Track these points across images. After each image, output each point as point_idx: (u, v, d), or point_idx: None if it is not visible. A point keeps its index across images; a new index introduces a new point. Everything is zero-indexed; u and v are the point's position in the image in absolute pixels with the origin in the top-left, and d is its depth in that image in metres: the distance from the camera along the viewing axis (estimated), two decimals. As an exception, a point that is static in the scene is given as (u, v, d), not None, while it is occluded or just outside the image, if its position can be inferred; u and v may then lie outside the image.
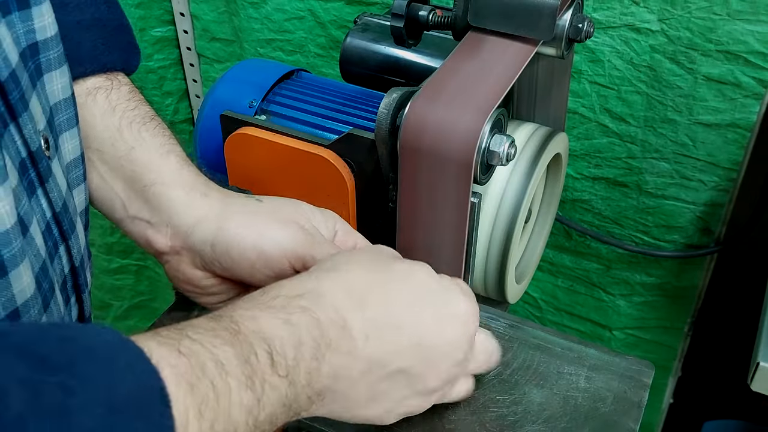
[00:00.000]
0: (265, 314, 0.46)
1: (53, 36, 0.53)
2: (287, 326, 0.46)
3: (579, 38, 0.65)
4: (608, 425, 0.59)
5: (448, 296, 0.54)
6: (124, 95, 0.64)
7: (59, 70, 0.55)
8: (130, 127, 0.63)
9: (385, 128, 0.63)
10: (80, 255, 0.58)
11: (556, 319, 1.28)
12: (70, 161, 0.58)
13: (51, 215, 0.53)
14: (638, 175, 1.04)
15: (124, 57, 0.66)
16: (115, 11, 0.66)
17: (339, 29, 1.13)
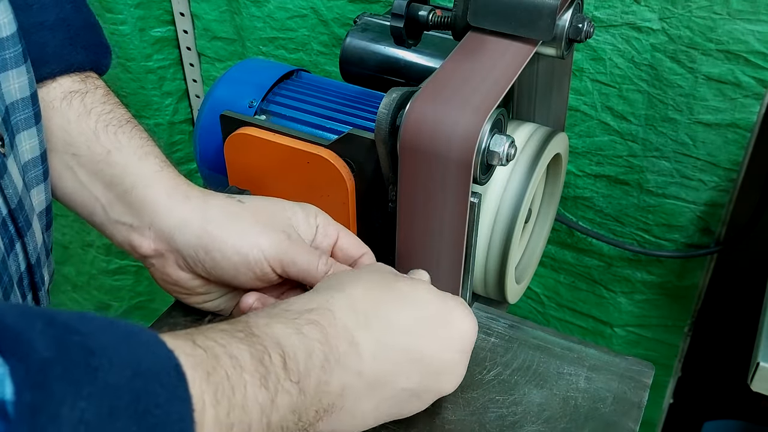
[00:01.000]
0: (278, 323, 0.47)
1: (10, 36, 0.53)
2: (299, 336, 0.47)
3: (579, 38, 0.65)
4: (608, 425, 0.59)
5: (450, 316, 0.55)
6: (99, 98, 0.64)
7: (17, 70, 0.55)
8: (107, 131, 0.62)
9: (385, 128, 0.63)
10: (36, 253, 0.58)
11: (559, 315, 1.28)
12: (28, 160, 0.58)
13: (7, 212, 0.53)
14: (639, 173, 1.04)
15: (92, 57, 0.65)
16: (81, 11, 0.66)
17: (342, 27, 1.13)
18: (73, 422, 0.31)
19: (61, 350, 0.32)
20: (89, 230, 1.42)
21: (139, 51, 1.29)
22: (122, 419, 0.33)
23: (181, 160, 1.45)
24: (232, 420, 0.40)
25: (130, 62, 1.30)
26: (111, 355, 0.34)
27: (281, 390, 0.44)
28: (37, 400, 0.30)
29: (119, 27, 1.25)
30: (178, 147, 1.43)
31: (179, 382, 0.37)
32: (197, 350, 0.40)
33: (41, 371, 0.31)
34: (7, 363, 0.31)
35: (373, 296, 0.53)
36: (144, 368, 0.35)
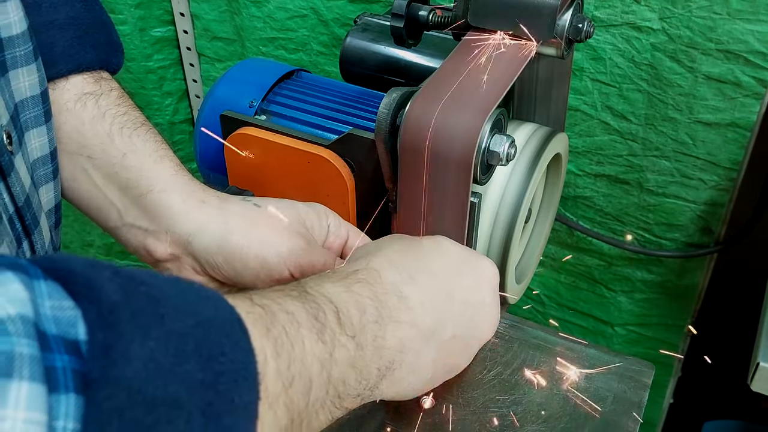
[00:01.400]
0: (328, 283, 0.48)
1: (20, 34, 0.53)
2: (350, 293, 0.48)
3: (579, 38, 0.65)
4: (608, 425, 0.59)
5: (475, 261, 0.57)
6: (113, 101, 0.64)
7: (26, 68, 0.55)
8: (121, 133, 0.62)
9: (385, 128, 0.63)
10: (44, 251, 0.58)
11: (559, 315, 1.28)
12: (37, 158, 0.58)
13: (14, 210, 0.53)
14: (639, 172, 1.04)
15: (102, 56, 0.65)
16: (93, 9, 0.65)
17: (342, 27, 1.13)
18: (143, 359, 0.32)
19: (129, 296, 0.33)
20: (89, 230, 1.42)
21: (139, 51, 1.29)
22: (189, 362, 0.34)
23: (181, 160, 1.44)
24: (293, 372, 0.41)
25: (130, 62, 1.30)
26: (176, 304, 0.35)
27: (338, 344, 0.44)
28: (109, 338, 0.31)
29: (119, 27, 1.25)
30: (178, 147, 1.43)
31: (242, 334, 0.37)
32: (255, 308, 0.41)
33: (111, 313, 0.32)
34: (79, 306, 0.32)
35: (407, 253, 0.54)
36: (208, 318, 0.36)
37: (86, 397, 0.30)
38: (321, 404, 0.43)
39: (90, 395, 0.30)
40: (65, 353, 0.30)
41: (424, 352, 0.51)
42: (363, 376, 0.46)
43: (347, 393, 0.45)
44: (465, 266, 0.56)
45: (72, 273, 0.33)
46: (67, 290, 0.32)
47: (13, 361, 0.28)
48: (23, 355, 0.28)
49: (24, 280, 0.31)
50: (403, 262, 0.53)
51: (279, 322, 0.41)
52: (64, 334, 0.31)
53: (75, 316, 0.32)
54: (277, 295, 0.44)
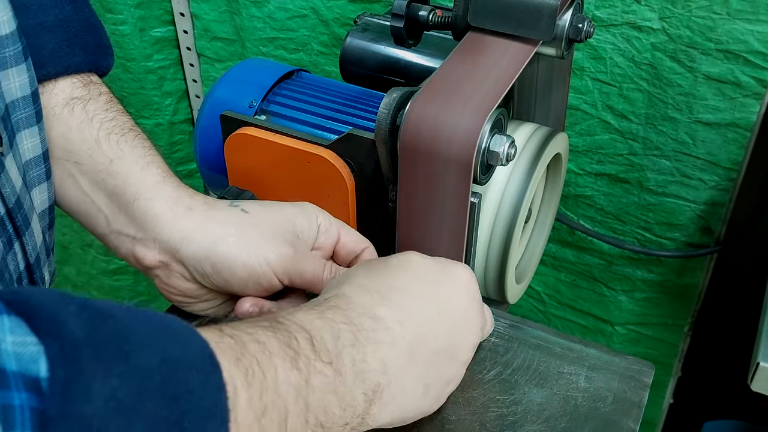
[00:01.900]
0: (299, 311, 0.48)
1: (9, 34, 0.53)
2: (323, 320, 0.48)
3: (579, 38, 0.65)
4: (608, 425, 0.59)
5: (448, 270, 0.57)
6: (101, 105, 0.63)
7: (17, 68, 0.54)
8: (109, 139, 0.62)
9: (385, 128, 0.63)
10: (36, 252, 0.58)
11: (560, 313, 1.28)
12: (29, 159, 0.58)
13: (4, 211, 0.53)
14: (639, 172, 1.04)
15: (91, 58, 0.65)
16: (82, 11, 0.65)
17: (342, 27, 1.13)
18: (104, 397, 0.31)
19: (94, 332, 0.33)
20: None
21: (139, 51, 1.29)
22: (153, 401, 0.33)
23: (181, 160, 1.45)
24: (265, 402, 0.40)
25: (130, 62, 1.30)
26: (142, 340, 0.35)
27: (314, 371, 0.44)
28: (69, 375, 0.31)
29: (119, 27, 1.25)
30: (178, 147, 1.43)
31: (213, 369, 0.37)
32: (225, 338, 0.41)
33: (74, 349, 0.32)
34: (42, 342, 0.31)
35: (377, 274, 0.54)
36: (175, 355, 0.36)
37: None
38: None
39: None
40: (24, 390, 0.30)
41: (410, 370, 0.51)
42: (347, 402, 0.46)
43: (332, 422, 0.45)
44: (438, 276, 0.56)
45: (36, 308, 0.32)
46: (30, 325, 0.32)
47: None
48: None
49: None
50: (374, 284, 0.53)
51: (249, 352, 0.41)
52: (24, 371, 0.30)
53: (37, 352, 0.31)
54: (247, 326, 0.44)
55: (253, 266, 0.59)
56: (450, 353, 0.54)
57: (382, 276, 0.54)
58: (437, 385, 0.54)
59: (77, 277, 1.61)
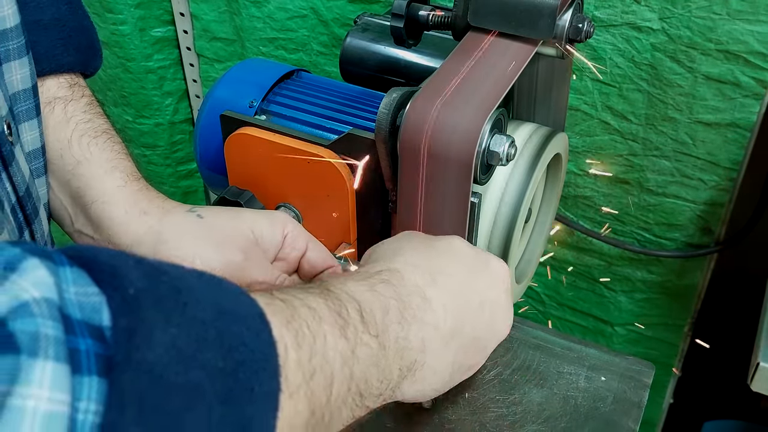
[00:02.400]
0: (352, 282, 0.48)
1: (13, 27, 0.54)
2: (373, 293, 0.48)
3: (579, 38, 0.65)
4: (608, 425, 0.59)
5: (486, 260, 0.58)
6: (81, 107, 0.64)
7: (19, 61, 0.55)
8: (80, 141, 0.63)
9: (385, 128, 0.63)
10: (44, 240, 0.59)
11: (559, 314, 1.28)
12: (31, 151, 0.59)
13: (15, 199, 0.54)
14: (639, 172, 1.04)
15: (83, 59, 0.66)
16: (77, 12, 0.66)
17: (341, 27, 1.13)
18: (165, 345, 0.32)
19: (152, 284, 0.34)
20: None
21: (139, 51, 1.29)
22: (210, 350, 0.34)
23: (181, 160, 1.45)
24: (314, 365, 0.40)
25: (130, 62, 1.30)
26: (198, 295, 0.36)
27: (361, 342, 0.44)
28: (132, 324, 0.32)
29: (119, 27, 1.25)
30: (178, 147, 1.43)
31: (263, 326, 0.38)
32: (276, 300, 0.41)
33: (135, 299, 0.32)
34: (103, 292, 0.32)
35: (426, 255, 0.55)
36: (229, 309, 0.36)
37: (109, 381, 0.30)
38: (343, 401, 0.43)
39: (113, 378, 0.30)
40: (89, 337, 0.31)
41: (445, 354, 0.51)
42: (385, 375, 0.46)
43: (369, 392, 0.45)
44: (479, 266, 0.57)
45: (97, 261, 0.33)
46: (92, 277, 0.33)
47: (39, 340, 0.28)
48: (48, 336, 0.29)
49: (49, 266, 0.31)
50: (424, 263, 0.53)
51: (300, 316, 0.41)
52: (88, 320, 0.31)
53: (99, 302, 0.32)
54: (298, 291, 0.44)
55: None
56: (481, 344, 0.55)
57: (431, 257, 0.55)
58: (461, 371, 0.54)
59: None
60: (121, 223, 0.61)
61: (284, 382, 0.38)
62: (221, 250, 0.60)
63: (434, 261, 0.54)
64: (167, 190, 1.45)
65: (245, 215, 0.63)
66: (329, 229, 0.72)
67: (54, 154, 0.62)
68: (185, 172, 1.47)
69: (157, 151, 1.41)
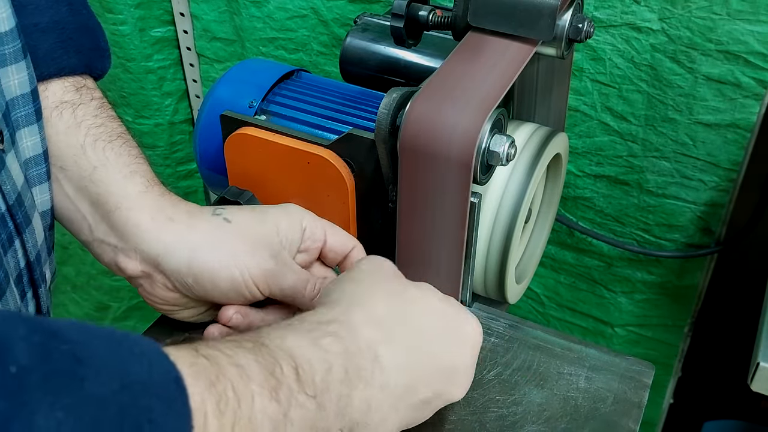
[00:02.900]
0: (291, 334, 0.46)
1: (8, 31, 0.53)
2: (316, 348, 0.45)
3: (579, 38, 0.65)
4: (608, 425, 0.59)
5: (459, 320, 0.55)
6: (91, 111, 0.63)
7: (16, 66, 0.54)
8: (95, 146, 0.61)
9: (385, 128, 0.63)
10: (36, 250, 0.57)
11: (559, 315, 1.28)
12: (30, 158, 0.57)
13: (5, 208, 0.52)
14: (639, 173, 1.04)
15: (86, 60, 0.64)
16: (79, 14, 0.64)
17: (342, 27, 1.13)
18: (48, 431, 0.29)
19: (44, 358, 0.31)
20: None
21: (139, 51, 1.28)
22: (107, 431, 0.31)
23: (181, 160, 1.45)
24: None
25: (130, 62, 1.30)
26: (99, 365, 0.33)
27: (295, 403, 0.42)
28: (10, 409, 0.29)
29: (119, 27, 1.25)
30: (178, 147, 1.43)
31: (179, 395, 0.35)
32: (199, 359, 0.39)
33: (17, 378, 0.29)
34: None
35: (392, 307, 0.52)
36: (137, 380, 0.33)
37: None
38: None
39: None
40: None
41: (391, 415, 0.49)
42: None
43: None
44: (450, 325, 0.54)
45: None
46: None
47: None
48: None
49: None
50: (385, 314, 0.51)
51: (225, 375, 0.39)
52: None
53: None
54: (228, 346, 0.41)
55: (234, 278, 0.59)
56: (432, 404, 0.53)
57: (400, 310, 0.52)
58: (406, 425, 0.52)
59: (77, 277, 1.61)
60: (149, 230, 0.59)
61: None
62: (256, 255, 0.59)
63: (398, 311, 0.52)
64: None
65: (268, 217, 0.62)
66: (329, 229, 0.72)
67: (68, 160, 0.61)
68: (185, 173, 1.47)
69: (156, 151, 1.41)
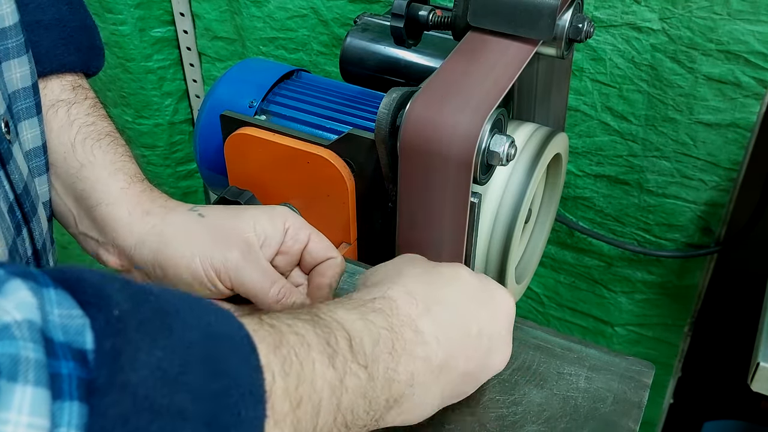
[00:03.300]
0: (342, 309, 0.47)
1: (12, 25, 0.54)
2: (364, 322, 0.47)
3: (579, 38, 0.65)
4: (608, 426, 0.59)
5: (491, 292, 0.57)
6: (84, 110, 0.64)
7: (18, 60, 0.55)
8: (84, 144, 0.63)
9: (385, 128, 0.63)
10: (42, 239, 0.59)
11: (559, 315, 1.28)
12: (31, 150, 0.59)
13: (13, 197, 0.54)
14: (639, 173, 1.04)
15: (84, 58, 0.66)
16: (78, 12, 0.66)
17: (342, 27, 1.13)
18: (150, 367, 0.32)
19: (138, 306, 0.33)
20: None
21: (139, 51, 1.29)
22: (196, 374, 0.34)
23: (181, 160, 1.45)
24: (301, 394, 0.40)
25: (130, 62, 1.30)
26: (184, 317, 0.35)
27: (349, 372, 0.44)
28: (117, 345, 0.31)
29: (119, 27, 1.25)
30: (178, 147, 1.43)
31: (250, 351, 0.37)
32: (264, 326, 0.41)
33: (120, 321, 0.32)
34: (87, 315, 0.32)
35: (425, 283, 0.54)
36: (215, 333, 0.36)
37: (90, 406, 0.30)
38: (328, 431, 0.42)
39: (94, 403, 0.30)
40: (71, 360, 0.30)
41: (433, 387, 0.50)
42: (372, 407, 0.45)
43: (354, 423, 0.44)
44: (483, 296, 0.56)
45: (81, 282, 0.33)
46: (76, 299, 0.32)
47: (18, 364, 0.28)
48: (29, 359, 0.28)
49: (33, 288, 0.31)
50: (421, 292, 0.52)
51: (288, 342, 0.41)
52: (71, 342, 0.31)
53: (83, 325, 0.31)
54: (286, 316, 0.43)
55: (195, 269, 0.59)
56: (474, 377, 0.54)
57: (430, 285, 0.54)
58: (449, 400, 0.54)
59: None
60: (125, 224, 0.61)
61: (270, 410, 0.37)
62: (220, 249, 0.59)
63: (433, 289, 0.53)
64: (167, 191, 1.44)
65: (246, 213, 0.63)
66: (329, 229, 0.72)
67: (58, 157, 0.62)
68: (185, 173, 1.47)
69: (156, 151, 1.41)
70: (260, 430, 0.36)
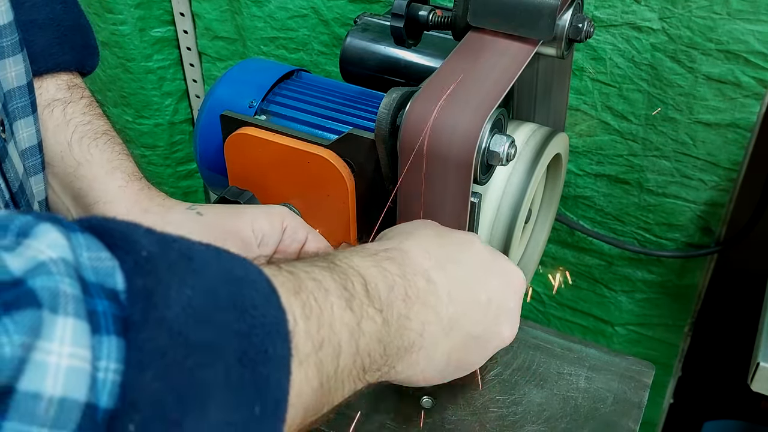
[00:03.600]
0: (358, 257, 0.48)
1: (7, 24, 0.54)
2: (378, 268, 0.48)
3: (579, 38, 0.65)
4: (608, 426, 0.59)
5: (503, 264, 0.58)
6: (80, 109, 0.65)
7: (13, 58, 0.56)
8: (80, 143, 0.63)
9: (385, 128, 0.63)
10: None
11: (559, 314, 1.28)
12: (26, 148, 0.59)
13: (9, 196, 0.54)
14: (639, 172, 1.04)
15: (79, 57, 0.66)
16: (71, 11, 0.66)
17: (342, 27, 1.13)
18: (182, 304, 0.33)
19: (164, 250, 0.34)
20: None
21: (139, 51, 1.28)
22: (224, 312, 0.34)
23: (181, 160, 1.45)
24: (323, 336, 0.41)
25: (130, 62, 1.30)
26: (207, 261, 0.36)
27: (366, 316, 0.44)
28: (149, 283, 0.32)
29: (119, 27, 1.25)
30: (178, 147, 1.43)
31: (272, 292, 0.38)
32: (282, 272, 0.41)
33: (149, 261, 0.33)
34: (116, 257, 0.32)
35: (440, 241, 0.55)
36: (239, 276, 0.37)
37: (127, 340, 0.30)
38: (348, 374, 0.43)
39: (131, 338, 0.30)
40: (105, 299, 0.31)
41: (442, 342, 0.51)
42: (386, 351, 0.46)
43: (371, 367, 0.45)
44: (494, 267, 0.57)
45: (107, 228, 0.34)
46: (103, 242, 0.33)
47: (59, 297, 0.28)
48: (67, 294, 0.29)
49: (62, 231, 0.31)
50: (435, 250, 0.53)
51: (307, 287, 0.42)
52: (102, 283, 0.31)
53: (112, 267, 0.32)
54: (304, 264, 0.44)
55: None
56: (482, 342, 0.55)
57: (444, 245, 0.55)
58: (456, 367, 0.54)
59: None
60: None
61: (294, 350, 0.38)
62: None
63: (447, 250, 0.54)
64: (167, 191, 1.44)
65: (244, 212, 0.63)
66: (329, 229, 0.72)
67: (55, 156, 0.63)
68: (185, 173, 1.47)
69: (156, 151, 1.41)
70: (287, 368, 0.37)
